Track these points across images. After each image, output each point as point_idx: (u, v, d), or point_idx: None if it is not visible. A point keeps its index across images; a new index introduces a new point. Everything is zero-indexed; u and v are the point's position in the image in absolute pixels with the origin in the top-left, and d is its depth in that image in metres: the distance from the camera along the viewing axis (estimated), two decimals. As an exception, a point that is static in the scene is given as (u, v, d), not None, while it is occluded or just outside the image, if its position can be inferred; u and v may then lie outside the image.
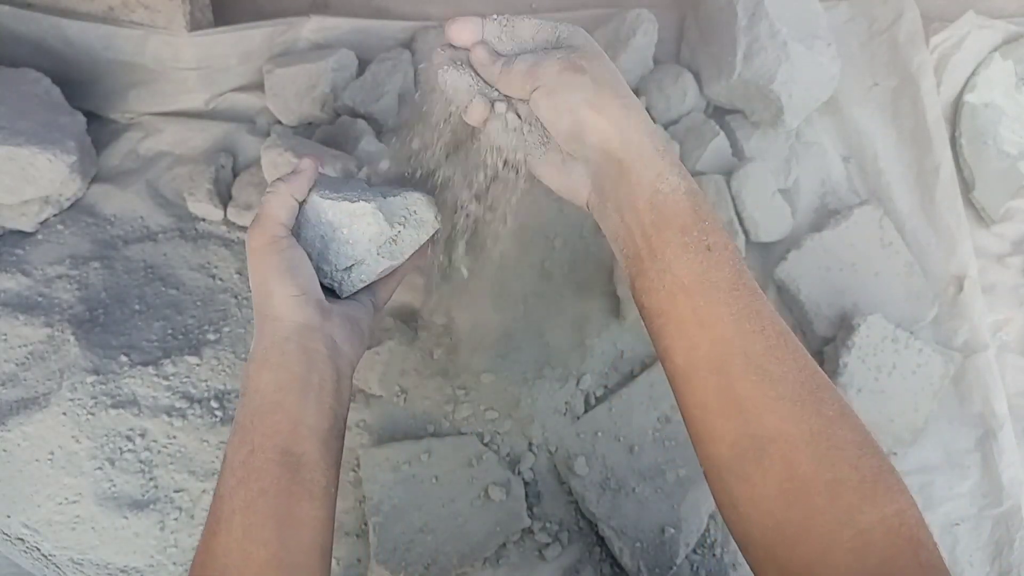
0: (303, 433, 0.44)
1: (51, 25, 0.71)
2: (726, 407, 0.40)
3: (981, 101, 0.83)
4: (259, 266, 0.47)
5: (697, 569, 0.65)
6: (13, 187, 0.66)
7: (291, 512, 0.42)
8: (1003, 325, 0.79)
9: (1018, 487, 0.70)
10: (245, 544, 0.41)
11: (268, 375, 0.45)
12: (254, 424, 0.44)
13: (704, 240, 0.41)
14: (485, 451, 0.65)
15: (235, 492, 0.42)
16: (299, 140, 0.69)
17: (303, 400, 0.44)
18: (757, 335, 0.40)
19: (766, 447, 0.38)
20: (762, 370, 0.39)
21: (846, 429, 0.38)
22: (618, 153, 0.43)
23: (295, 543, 0.42)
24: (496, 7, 0.87)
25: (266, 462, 0.43)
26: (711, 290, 0.41)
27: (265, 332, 0.46)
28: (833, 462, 0.37)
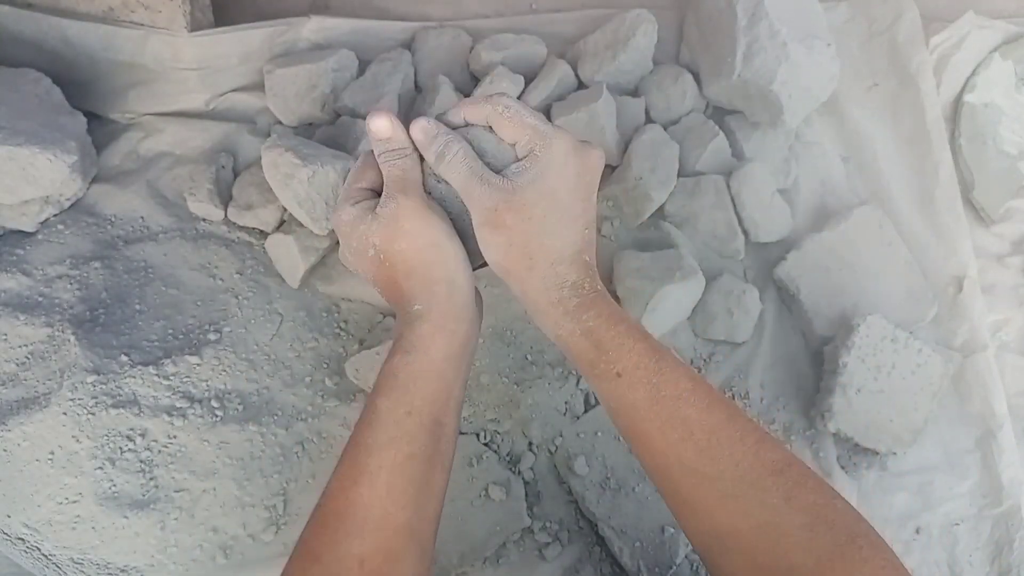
0: (452, 405, 0.45)
1: (51, 25, 0.71)
2: (682, 509, 0.43)
3: (981, 101, 0.83)
4: (426, 226, 0.46)
5: (697, 569, 0.65)
6: (13, 187, 0.66)
7: (429, 480, 0.43)
8: (1003, 325, 0.79)
9: (1018, 487, 0.71)
10: (387, 504, 0.41)
11: (442, 341, 0.45)
12: (417, 387, 0.44)
13: (612, 369, 0.44)
14: (485, 451, 0.65)
15: (385, 449, 0.42)
16: (299, 140, 0.69)
17: (459, 372, 0.46)
18: (686, 442, 0.42)
19: (725, 542, 0.41)
20: (698, 473, 0.42)
21: (793, 513, 0.39)
22: (523, 303, 0.48)
23: (426, 511, 0.43)
24: (496, 7, 0.87)
25: (420, 428, 0.43)
26: (632, 410, 0.44)
27: (439, 295, 0.46)
28: (785, 550, 0.39)
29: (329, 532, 0.41)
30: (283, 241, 0.70)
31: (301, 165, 0.65)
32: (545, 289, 0.46)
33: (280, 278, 0.72)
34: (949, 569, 0.69)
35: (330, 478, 0.44)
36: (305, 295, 0.72)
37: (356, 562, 0.40)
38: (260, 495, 0.63)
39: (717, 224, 0.75)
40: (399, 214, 0.46)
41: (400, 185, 0.47)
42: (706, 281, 0.71)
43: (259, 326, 0.69)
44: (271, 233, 0.72)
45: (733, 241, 0.75)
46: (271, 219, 0.72)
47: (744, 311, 0.71)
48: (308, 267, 0.70)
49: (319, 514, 0.42)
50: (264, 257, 0.73)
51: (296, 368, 0.68)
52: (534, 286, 0.46)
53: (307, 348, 0.69)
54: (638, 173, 0.73)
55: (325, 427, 0.66)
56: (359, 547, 0.40)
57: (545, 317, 0.47)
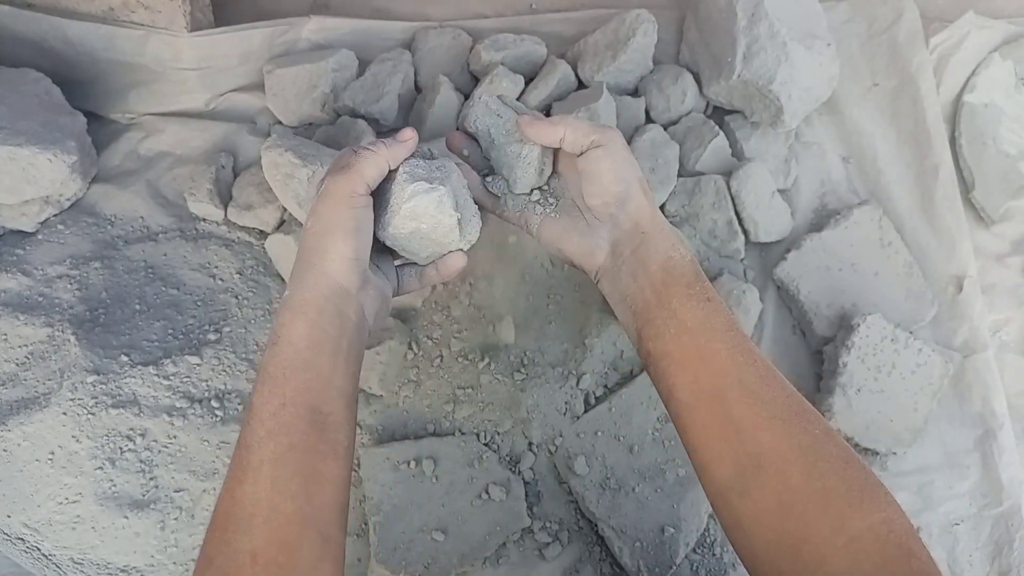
0: (332, 394, 0.45)
1: (51, 25, 0.71)
2: (725, 430, 0.45)
3: (981, 101, 0.83)
4: (328, 216, 0.47)
5: (697, 569, 0.65)
6: (13, 187, 0.66)
7: (317, 469, 0.43)
8: (1003, 325, 0.79)
9: (1018, 487, 0.71)
10: (273, 496, 0.41)
11: (303, 329, 0.45)
12: (286, 377, 0.44)
13: (705, 294, 0.49)
14: (485, 451, 0.65)
15: (264, 443, 0.43)
16: (299, 140, 0.69)
17: (334, 362, 0.46)
18: (749, 366, 0.46)
19: (762, 463, 0.43)
20: (755, 395, 0.45)
21: (831, 445, 0.43)
22: (646, 227, 0.52)
23: (320, 499, 0.43)
24: (496, 7, 0.87)
25: (296, 418, 0.43)
26: (711, 331, 0.48)
27: (307, 282, 0.46)
28: (822, 473, 0.41)
29: (219, 532, 0.41)
30: (283, 241, 0.70)
31: (301, 165, 0.65)
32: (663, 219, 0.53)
33: (280, 278, 0.72)
34: (949, 569, 0.69)
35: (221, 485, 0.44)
36: (305, 295, 0.72)
37: (248, 557, 0.40)
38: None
39: (717, 224, 0.75)
40: (328, 192, 0.47)
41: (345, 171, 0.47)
42: (706, 281, 0.71)
43: (259, 326, 0.69)
44: (271, 233, 0.72)
45: (733, 241, 0.75)
46: (271, 219, 0.72)
47: (744, 311, 0.71)
48: (308, 267, 0.70)
49: (211, 520, 0.43)
50: (264, 257, 0.73)
51: (296, 368, 0.68)
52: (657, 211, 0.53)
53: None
54: (638, 173, 0.73)
55: (325, 427, 0.66)
56: (248, 543, 0.40)
57: (667, 238, 0.51)
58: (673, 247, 0.51)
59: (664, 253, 0.50)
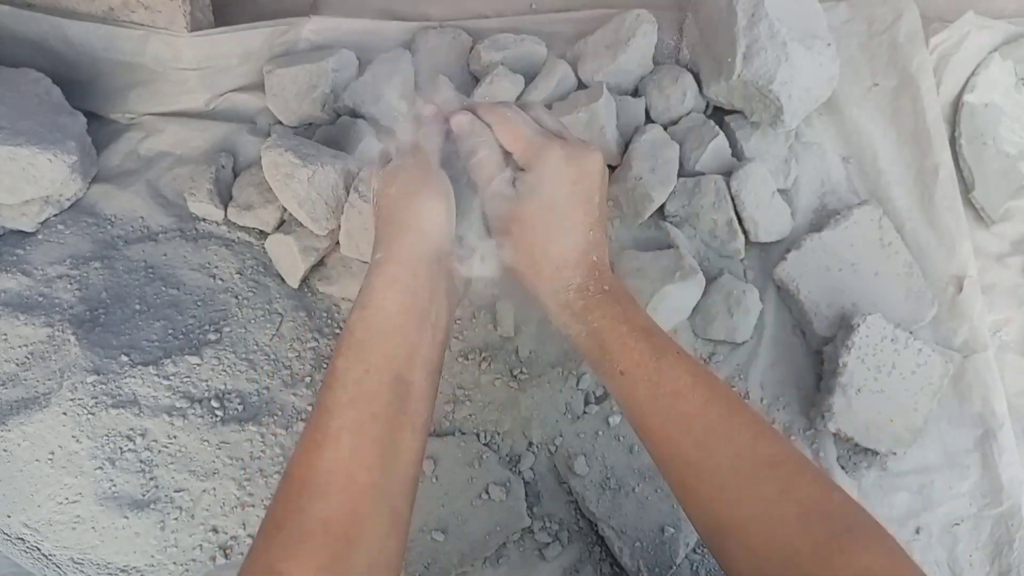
0: (417, 363, 0.44)
1: (51, 25, 0.71)
2: (686, 500, 0.45)
3: (981, 101, 0.83)
4: (412, 179, 0.47)
5: (697, 569, 0.65)
6: (13, 187, 0.66)
7: (395, 440, 0.42)
8: (1003, 325, 0.79)
9: (1018, 487, 0.71)
10: (351, 465, 0.41)
11: (396, 294, 0.44)
12: (374, 343, 0.43)
13: (616, 367, 0.46)
14: (485, 451, 0.65)
15: (345, 410, 0.42)
16: (299, 140, 0.69)
17: (421, 329, 0.45)
18: (685, 437, 0.44)
19: (724, 532, 0.42)
20: (697, 466, 0.43)
21: (788, 504, 0.40)
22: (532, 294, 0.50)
23: (395, 472, 0.42)
24: (496, 7, 0.87)
25: (380, 385, 0.43)
26: (635, 406, 0.46)
27: (402, 245, 0.46)
28: (782, 540, 0.40)
29: (293, 499, 0.40)
30: (283, 241, 0.70)
31: (301, 165, 0.65)
32: (553, 292, 0.48)
33: (280, 278, 0.72)
34: (949, 569, 0.69)
35: (295, 447, 0.43)
36: (305, 295, 0.72)
37: (320, 525, 0.39)
38: (260, 495, 0.63)
39: (717, 224, 0.75)
40: (401, 165, 0.48)
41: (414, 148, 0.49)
42: (706, 281, 0.71)
43: (259, 326, 0.69)
44: (271, 233, 0.72)
45: (733, 241, 0.75)
46: (271, 219, 0.72)
47: (744, 311, 0.71)
48: (308, 267, 0.70)
49: (284, 483, 0.42)
50: (264, 257, 0.73)
51: (296, 368, 0.68)
52: (543, 289, 0.49)
53: (307, 348, 0.69)
54: (638, 173, 0.73)
55: (325, 427, 0.66)
56: (323, 510, 0.39)
57: (556, 318, 0.49)
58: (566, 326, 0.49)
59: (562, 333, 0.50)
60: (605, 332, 0.47)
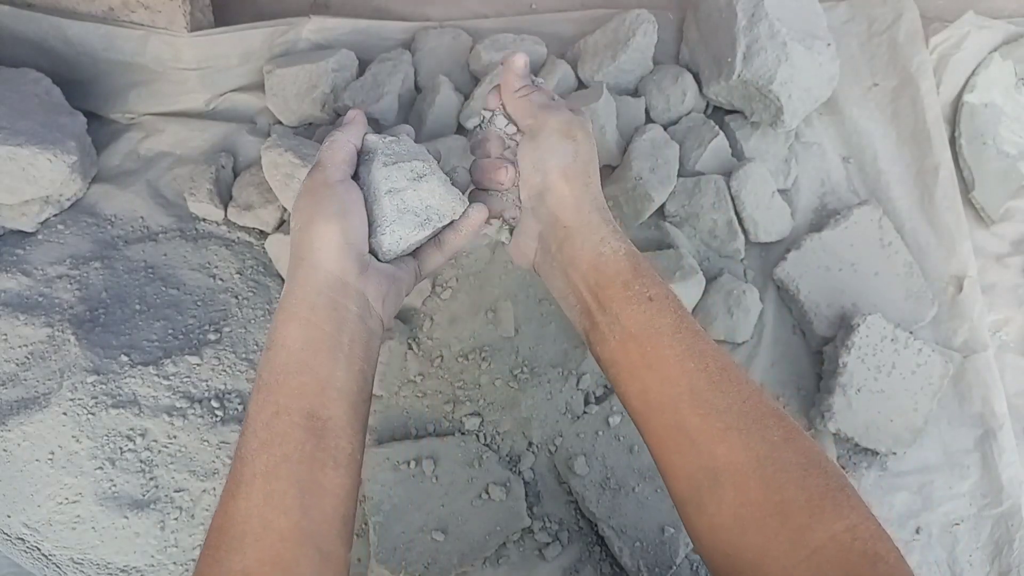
0: (331, 396, 0.42)
1: (51, 25, 0.71)
2: (680, 442, 0.43)
3: (981, 101, 0.83)
4: (307, 206, 0.44)
5: (697, 569, 0.65)
6: (13, 187, 0.66)
7: (314, 479, 0.41)
8: (1003, 325, 0.79)
9: (1018, 487, 0.71)
10: (266, 511, 0.39)
11: (296, 330, 0.43)
12: (279, 383, 0.42)
13: (645, 292, 0.46)
14: (485, 451, 0.65)
15: (257, 455, 0.40)
16: (299, 140, 0.69)
17: (332, 360, 0.43)
18: (700, 372, 0.43)
19: (718, 477, 0.41)
20: (708, 404, 0.42)
21: (791, 452, 0.40)
22: (568, 220, 0.48)
23: (318, 512, 0.40)
24: (496, 7, 0.87)
25: (291, 426, 0.41)
26: (655, 336, 0.45)
27: (297, 280, 0.44)
28: (780, 484, 0.39)
29: (211, 550, 0.39)
30: (283, 241, 0.70)
31: (301, 165, 0.65)
32: (599, 208, 0.49)
33: (280, 278, 0.72)
34: (949, 569, 0.69)
35: None
36: (305, 295, 0.72)
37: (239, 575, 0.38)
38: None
39: (717, 224, 0.75)
40: (304, 188, 0.46)
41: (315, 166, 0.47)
42: (706, 281, 0.71)
43: (259, 326, 0.69)
44: (271, 233, 0.72)
45: (733, 241, 0.75)
46: (271, 219, 0.72)
47: (744, 311, 0.71)
48: (308, 267, 0.70)
49: (207, 535, 0.40)
50: (264, 257, 0.73)
51: (296, 368, 0.68)
52: (590, 200, 0.49)
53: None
54: (638, 173, 0.73)
55: (325, 427, 0.66)
56: (240, 561, 0.38)
57: (594, 232, 0.48)
58: (603, 241, 0.47)
59: (593, 250, 0.47)
60: (640, 257, 0.48)
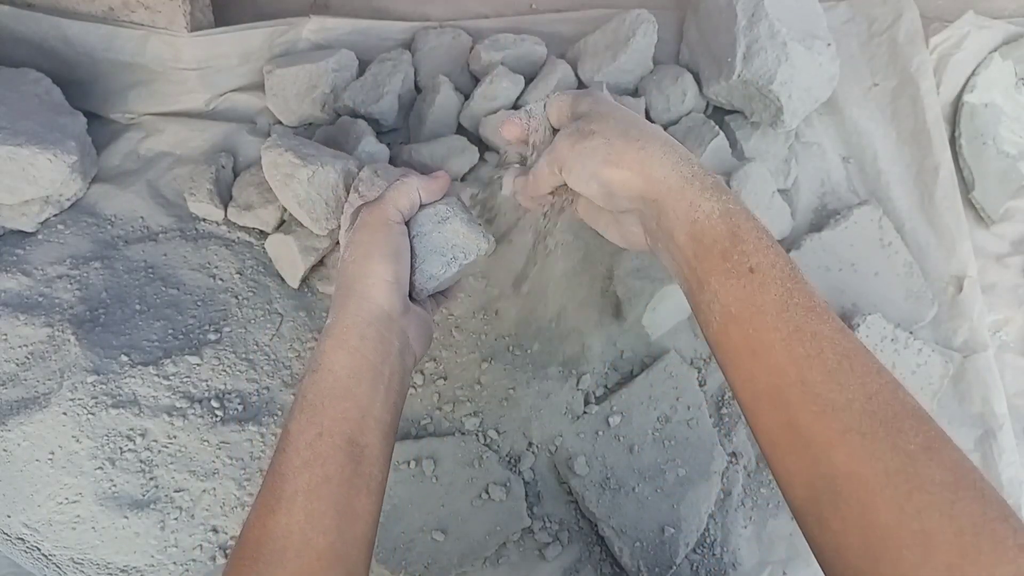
0: (370, 424, 0.44)
1: (51, 25, 0.71)
2: (792, 443, 0.36)
3: (981, 101, 0.83)
4: (366, 242, 0.47)
5: (697, 569, 0.65)
6: (14, 187, 0.66)
7: (351, 503, 0.42)
8: (1003, 325, 0.79)
9: (1018, 487, 0.71)
10: (307, 529, 0.40)
11: (344, 357, 0.44)
12: (324, 406, 0.43)
13: (746, 263, 0.39)
14: (485, 451, 0.65)
15: (299, 473, 0.41)
16: (299, 140, 0.69)
17: (374, 391, 0.44)
18: (814, 359, 0.36)
19: (839, 489, 0.34)
20: (822, 399, 0.35)
21: (933, 466, 0.32)
22: (649, 194, 0.43)
23: (350, 535, 0.42)
24: (496, 7, 0.87)
25: (333, 448, 0.42)
26: (758, 315, 0.38)
27: (348, 310, 0.46)
28: (919, 508, 0.32)
29: (248, 563, 0.40)
30: (283, 241, 0.70)
31: (301, 165, 0.65)
32: (674, 164, 0.42)
33: (280, 278, 0.72)
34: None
35: (250, 510, 0.43)
36: (305, 295, 0.72)
37: None
38: (260, 495, 0.63)
39: (717, 224, 0.75)
40: (363, 222, 0.48)
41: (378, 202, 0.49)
42: (706, 281, 0.71)
43: (259, 326, 0.69)
44: (271, 233, 0.72)
45: (733, 241, 0.75)
46: (271, 219, 0.72)
47: (744, 311, 0.71)
48: (308, 267, 0.70)
49: (239, 547, 0.41)
50: (264, 257, 0.73)
51: (296, 368, 0.68)
52: (658, 162, 0.42)
53: (307, 348, 0.69)
54: (638, 173, 0.73)
55: (325, 427, 0.66)
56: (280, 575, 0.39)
57: (679, 198, 0.41)
58: (693, 206, 0.41)
59: (686, 217, 0.41)
60: (741, 217, 0.40)
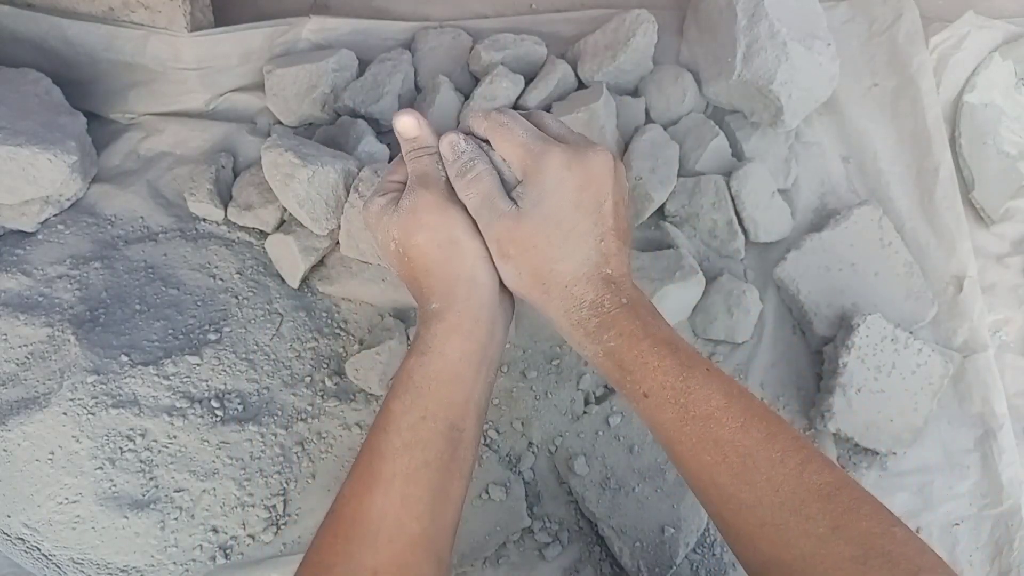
0: (470, 409, 0.44)
1: (51, 25, 0.71)
2: (727, 534, 0.41)
3: (981, 101, 0.83)
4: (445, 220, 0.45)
5: (697, 569, 0.65)
6: (13, 187, 0.66)
7: (445, 489, 0.42)
8: (1003, 325, 0.79)
9: (1018, 487, 0.71)
10: (402, 513, 0.40)
11: (458, 341, 0.44)
12: (431, 390, 0.43)
13: (638, 389, 0.42)
14: (485, 451, 0.65)
15: (399, 455, 0.41)
16: (299, 140, 0.69)
17: (478, 375, 0.44)
18: (720, 466, 0.39)
19: (771, 573, 0.38)
20: (736, 499, 0.39)
21: (842, 544, 0.36)
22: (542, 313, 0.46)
23: (442, 520, 0.42)
24: (496, 7, 0.87)
25: (435, 433, 0.42)
26: (663, 431, 0.42)
27: (457, 293, 0.44)
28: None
29: (341, 541, 0.40)
30: (283, 241, 0.70)
31: (301, 165, 0.65)
32: (564, 312, 0.45)
33: (280, 278, 0.72)
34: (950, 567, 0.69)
35: (343, 483, 0.42)
36: (305, 295, 0.72)
37: (370, 573, 0.39)
38: (260, 495, 0.63)
39: (717, 224, 0.75)
40: (418, 206, 0.45)
41: (423, 180, 0.46)
42: (706, 281, 0.71)
43: (259, 326, 0.69)
44: (271, 233, 0.72)
45: (733, 241, 0.75)
46: (271, 219, 0.72)
47: (744, 311, 0.71)
48: (308, 267, 0.70)
49: (332, 521, 0.41)
50: (264, 257, 0.73)
51: (296, 368, 0.68)
52: (553, 309, 0.45)
53: (307, 348, 0.69)
54: (638, 173, 0.73)
55: (325, 427, 0.66)
56: (372, 559, 0.39)
57: (569, 338, 0.46)
58: (581, 347, 0.45)
59: (576, 350, 0.46)
60: (622, 351, 0.42)
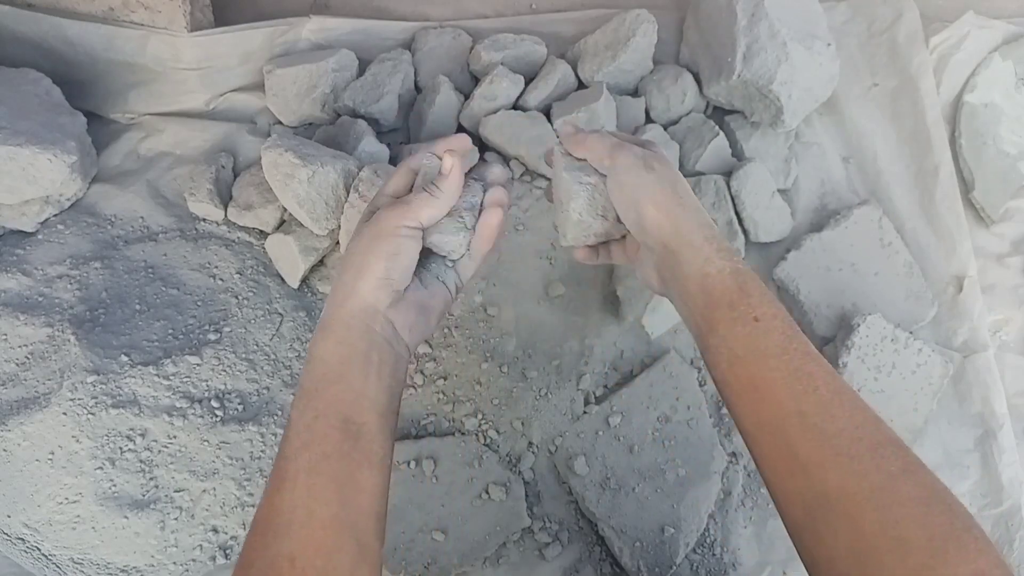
0: (364, 405, 0.46)
1: (51, 25, 0.71)
2: (791, 468, 0.42)
3: (981, 101, 0.83)
4: (370, 244, 0.49)
5: (697, 568, 0.65)
6: (14, 187, 0.66)
7: (351, 476, 0.44)
8: (1003, 325, 0.79)
9: (1018, 487, 0.71)
10: (309, 502, 0.42)
11: (332, 346, 0.47)
12: (318, 391, 0.46)
13: (751, 313, 0.46)
14: (485, 451, 0.65)
15: (299, 454, 0.44)
16: (299, 140, 0.69)
17: (364, 375, 0.47)
18: (810, 395, 0.42)
19: (832, 505, 0.39)
20: (817, 428, 0.41)
21: (910, 485, 0.38)
22: (672, 244, 0.49)
23: (355, 505, 0.44)
24: (496, 7, 0.87)
25: (329, 428, 0.45)
26: (762, 358, 0.45)
27: (336, 302, 0.49)
28: (897, 520, 0.37)
29: (259, 537, 0.42)
30: (283, 241, 0.70)
31: (301, 165, 0.65)
32: (699, 225, 0.49)
33: (280, 278, 0.72)
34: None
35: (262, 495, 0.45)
36: (305, 295, 0.72)
37: (287, 561, 0.40)
38: (260, 495, 0.63)
39: (717, 224, 0.75)
40: (378, 218, 0.49)
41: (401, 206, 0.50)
42: (706, 281, 0.71)
43: (259, 326, 0.69)
44: (271, 233, 0.72)
45: (733, 241, 0.75)
46: (271, 219, 0.72)
47: (744, 311, 0.71)
48: (308, 267, 0.70)
49: (251, 528, 0.43)
50: (264, 257, 0.73)
51: (296, 368, 0.68)
52: (688, 220, 0.49)
53: (307, 348, 0.69)
54: (638, 173, 0.73)
55: (325, 427, 0.66)
56: (288, 546, 0.41)
57: (696, 252, 0.48)
58: (707, 262, 0.48)
59: (699, 271, 0.48)
60: (748, 276, 0.47)
